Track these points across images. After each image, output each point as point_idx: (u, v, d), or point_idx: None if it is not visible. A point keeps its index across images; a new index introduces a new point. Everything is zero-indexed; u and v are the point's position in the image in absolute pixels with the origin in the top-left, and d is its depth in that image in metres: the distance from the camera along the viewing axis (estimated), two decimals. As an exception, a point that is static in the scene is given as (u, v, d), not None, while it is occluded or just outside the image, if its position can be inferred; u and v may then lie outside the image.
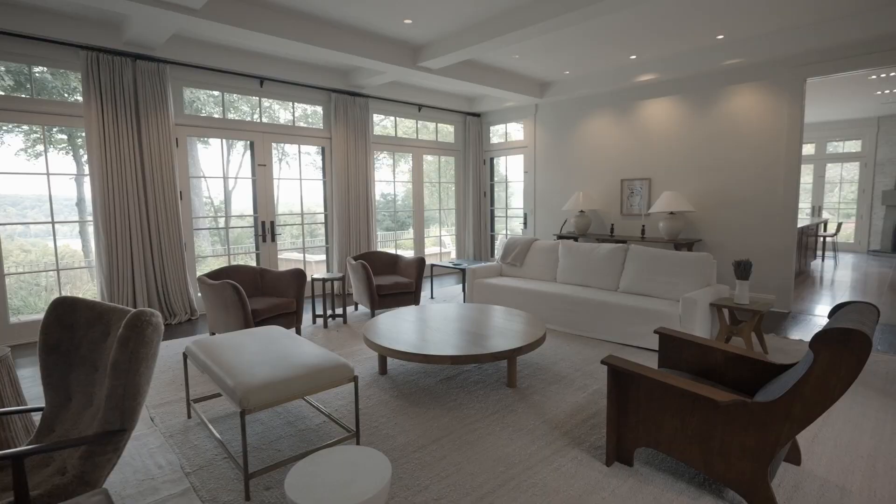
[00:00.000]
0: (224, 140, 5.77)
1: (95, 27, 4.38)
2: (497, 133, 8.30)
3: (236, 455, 2.42)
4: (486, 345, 3.11)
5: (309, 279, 6.20)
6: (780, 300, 5.28)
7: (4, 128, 5.15)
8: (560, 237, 6.76)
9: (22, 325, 4.42)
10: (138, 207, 4.77)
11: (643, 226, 6.02)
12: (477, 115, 8.24)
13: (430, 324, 3.60)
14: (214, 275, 4.28)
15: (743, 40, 5.06)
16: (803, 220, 8.18)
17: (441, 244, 8.53)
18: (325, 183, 6.58)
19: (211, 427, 2.55)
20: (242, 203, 6.58)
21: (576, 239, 6.72)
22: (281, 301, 4.23)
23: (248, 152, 5.88)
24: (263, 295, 4.54)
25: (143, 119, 4.75)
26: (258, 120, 5.95)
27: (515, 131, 8.01)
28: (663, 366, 2.69)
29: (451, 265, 5.99)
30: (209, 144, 6.54)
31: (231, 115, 6.21)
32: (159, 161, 4.87)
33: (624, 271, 4.66)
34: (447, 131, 8.32)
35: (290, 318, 4.34)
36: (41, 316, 4.61)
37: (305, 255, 6.56)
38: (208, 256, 6.11)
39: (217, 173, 7.06)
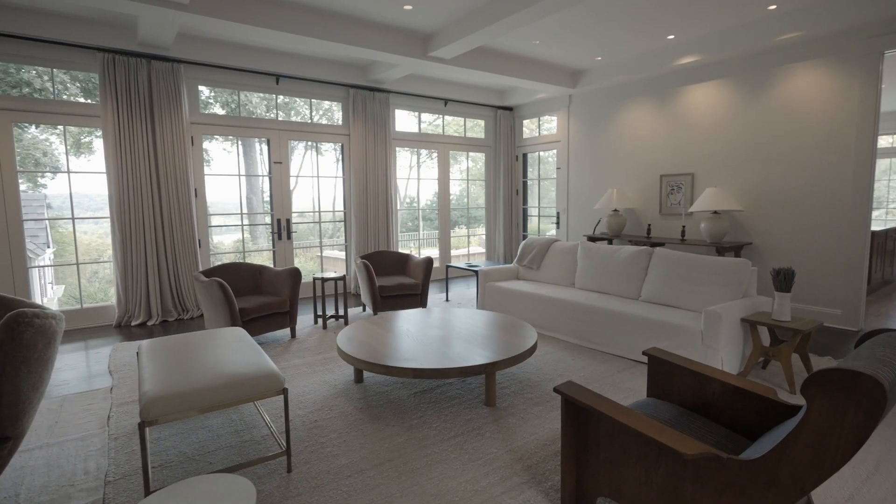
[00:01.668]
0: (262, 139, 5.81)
1: (111, 30, 4.51)
2: (530, 127, 7.84)
3: (163, 465, 2.27)
4: (460, 357, 2.78)
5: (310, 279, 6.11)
6: (847, 316, 4.46)
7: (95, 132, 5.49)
8: (591, 239, 6.22)
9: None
10: (152, 204, 4.88)
11: (683, 226, 5.36)
12: (509, 108, 7.83)
13: (412, 331, 3.32)
14: (210, 272, 4.26)
15: (800, 10, 4.31)
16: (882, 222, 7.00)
17: (469, 244, 8.21)
18: (343, 180, 6.48)
19: (146, 434, 2.43)
20: (298, 201, 6.61)
21: (610, 241, 6.15)
22: (273, 300, 4.13)
23: (309, 152, 5.90)
24: (261, 293, 4.47)
25: (157, 118, 4.85)
26: (274, 117, 5.95)
27: (549, 125, 7.51)
28: (652, 395, 2.23)
29: (465, 267, 5.66)
30: (266, 143, 6.57)
31: (251, 113, 6.26)
32: (173, 159, 4.95)
33: (647, 277, 4.11)
34: (477, 126, 7.98)
35: (283, 318, 4.23)
36: (69, 307, 4.83)
37: (323, 252, 6.51)
38: (229, 253, 6.20)
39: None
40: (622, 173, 6.32)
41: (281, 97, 5.98)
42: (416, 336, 3.19)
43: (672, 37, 5.04)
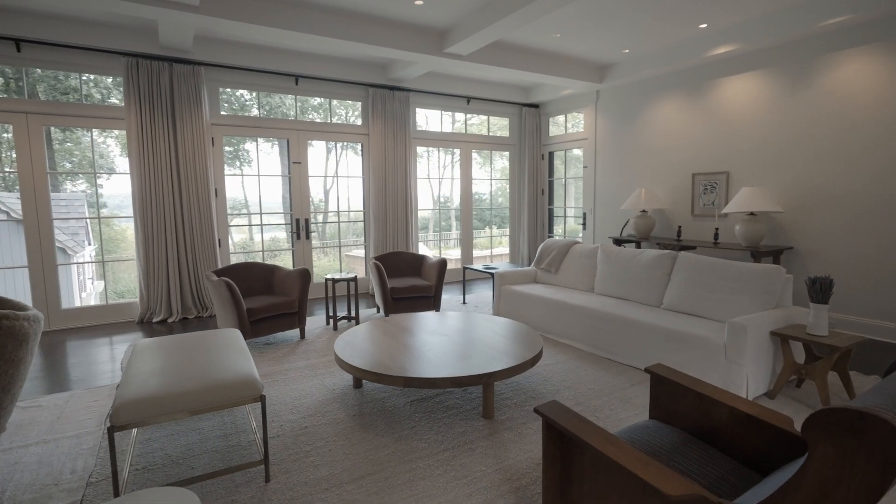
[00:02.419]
0: (326, 142, 5.88)
1: (135, 34, 4.63)
2: (556, 125, 7.57)
3: (146, 468, 2.26)
4: (454, 367, 2.65)
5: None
6: (901, 330, 4.01)
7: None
8: (617, 241, 5.92)
9: (72, 310, 4.85)
10: (172, 204, 4.99)
11: (716, 229, 5.00)
12: (534, 105, 7.59)
13: (413, 336, 3.21)
14: (222, 271, 4.30)
15: (851, -9, 3.91)
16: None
17: (492, 245, 8.02)
18: (362, 180, 6.45)
19: (114, 439, 2.43)
20: (337, 201, 6.68)
21: (638, 244, 5.84)
22: (281, 300, 4.12)
23: (345, 152, 5.95)
24: (272, 293, 4.48)
25: (178, 119, 4.95)
26: (294, 117, 5.98)
27: (576, 122, 7.23)
28: (655, 416, 2.02)
29: (482, 269, 5.50)
30: (314, 145, 6.65)
31: (272, 113, 6.33)
32: (193, 160, 5.05)
33: (670, 283, 3.83)
34: (501, 124, 7.79)
35: (291, 319, 4.21)
36: (95, 303, 5.01)
37: (350, 252, 6.50)
38: (255, 252, 6.29)
39: (318, 172, 7.19)
40: (652, 172, 5.99)
41: (302, 98, 6.00)
42: (414, 342, 3.08)
43: (704, 25, 4.70)
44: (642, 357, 3.46)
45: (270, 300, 4.10)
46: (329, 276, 4.65)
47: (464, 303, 5.74)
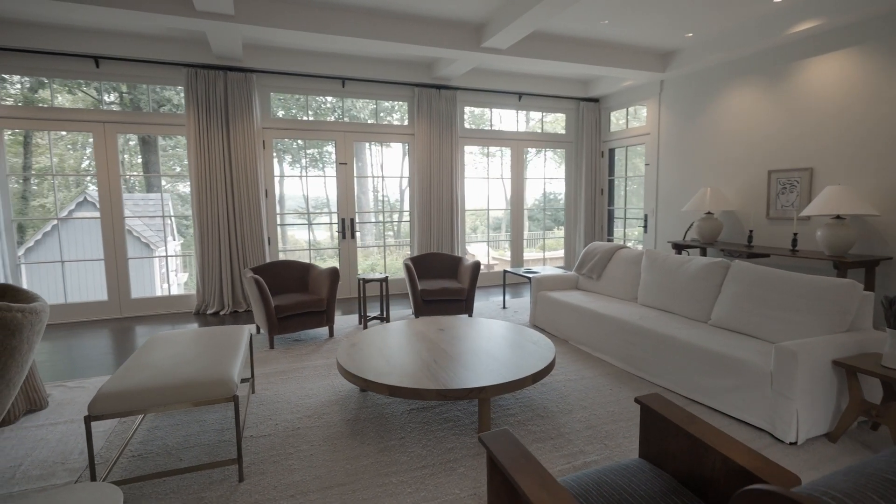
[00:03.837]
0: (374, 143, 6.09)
1: (194, 46, 4.99)
2: (617, 119, 7.04)
3: (141, 455, 2.37)
4: (447, 377, 2.50)
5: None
6: None
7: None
8: (678, 246, 5.36)
9: (141, 300, 5.35)
10: (225, 204, 5.32)
11: (795, 234, 4.31)
12: (594, 100, 7.12)
13: (418, 341, 3.10)
14: (260, 268, 4.48)
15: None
16: None
17: (544, 248, 7.66)
18: (408, 180, 6.45)
19: (90, 428, 2.57)
20: (382, 201, 6.88)
21: (703, 250, 5.23)
22: (310, 299, 4.20)
23: (390, 152, 6.11)
24: (306, 292, 4.59)
25: (231, 124, 5.27)
26: (341, 119, 6.12)
27: (638, 117, 6.67)
28: (645, 455, 1.73)
29: (521, 272, 5.24)
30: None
31: (319, 115, 6.53)
32: (244, 162, 5.35)
33: (720, 296, 3.35)
34: (557, 121, 7.41)
35: (320, 317, 4.29)
36: (158, 294, 5.50)
37: (396, 252, 6.55)
38: (304, 249, 6.55)
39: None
40: (720, 169, 5.33)
41: (348, 100, 6.13)
42: (415, 348, 2.96)
43: (781, -1, 4.07)
44: (678, 379, 3.05)
45: (299, 298, 4.21)
46: (361, 276, 4.68)
47: (504, 307, 5.51)
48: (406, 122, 6.40)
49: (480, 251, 9.61)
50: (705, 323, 3.40)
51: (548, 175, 7.38)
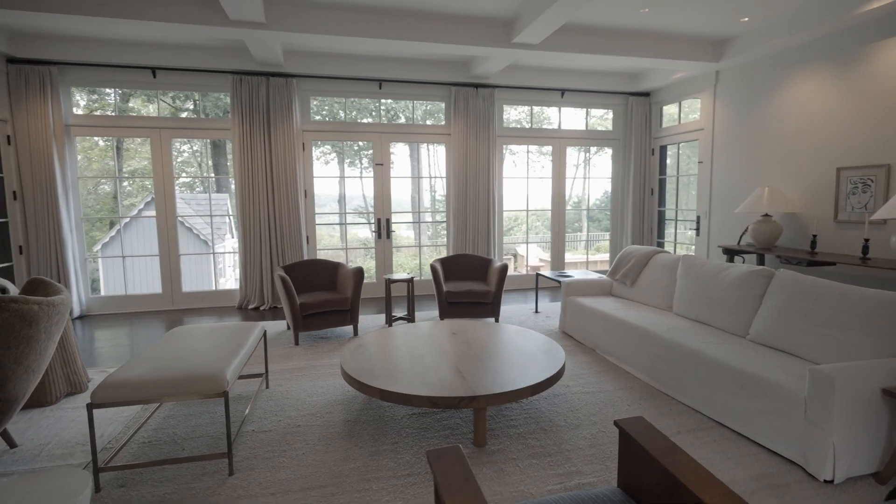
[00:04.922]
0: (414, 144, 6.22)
1: (238, 54, 5.26)
2: (669, 114, 6.58)
3: (150, 442, 2.51)
4: (440, 384, 2.43)
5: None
6: None
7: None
8: (730, 252, 4.91)
9: (192, 293, 5.73)
10: (266, 203, 5.56)
11: (866, 240, 3.80)
12: (644, 94, 6.71)
13: (424, 344, 3.05)
14: (291, 267, 4.63)
15: None
16: None
17: (587, 251, 7.33)
18: (444, 180, 6.42)
19: (93, 415, 2.72)
20: (419, 201, 7.01)
21: (761, 257, 4.75)
22: (334, 297, 4.28)
23: (427, 153, 6.25)
24: (335, 290, 4.69)
25: (272, 128, 5.50)
26: (378, 121, 6.20)
27: (692, 111, 6.19)
28: (623, 485, 1.57)
29: (553, 276, 5.03)
30: (399, 147, 7.04)
31: (359, 116, 6.65)
32: (284, 164, 5.56)
33: (761, 308, 3.01)
34: (604, 117, 7.06)
35: (344, 316, 4.36)
36: (210, 287, 5.87)
37: (432, 253, 6.55)
38: (340, 249, 6.72)
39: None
40: (781, 167, 4.82)
41: (386, 100, 6.20)
42: (419, 352, 2.92)
43: (850, -26, 3.59)
44: (704, 398, 2.78)
45: (325, 296, 4.30)
46: (387, 277, 4.71)
47: (536, 312, 5.33)
48: (443, 122, 6.37)
49: (532, 253, 9.41)
50: (743, 337, 3.07)
51: (598, 174, 7.06)
